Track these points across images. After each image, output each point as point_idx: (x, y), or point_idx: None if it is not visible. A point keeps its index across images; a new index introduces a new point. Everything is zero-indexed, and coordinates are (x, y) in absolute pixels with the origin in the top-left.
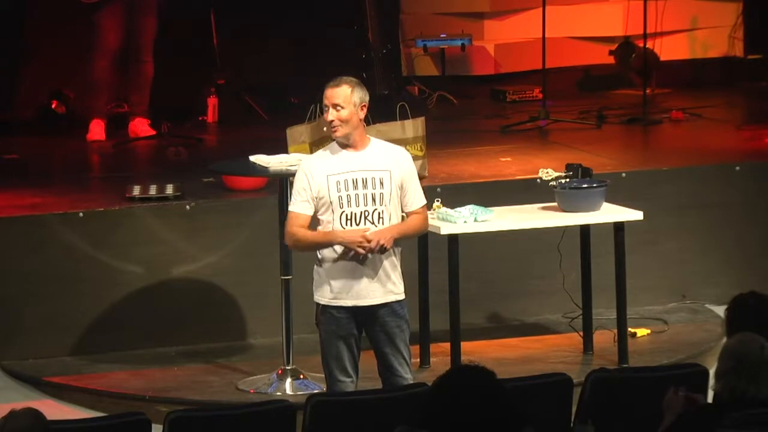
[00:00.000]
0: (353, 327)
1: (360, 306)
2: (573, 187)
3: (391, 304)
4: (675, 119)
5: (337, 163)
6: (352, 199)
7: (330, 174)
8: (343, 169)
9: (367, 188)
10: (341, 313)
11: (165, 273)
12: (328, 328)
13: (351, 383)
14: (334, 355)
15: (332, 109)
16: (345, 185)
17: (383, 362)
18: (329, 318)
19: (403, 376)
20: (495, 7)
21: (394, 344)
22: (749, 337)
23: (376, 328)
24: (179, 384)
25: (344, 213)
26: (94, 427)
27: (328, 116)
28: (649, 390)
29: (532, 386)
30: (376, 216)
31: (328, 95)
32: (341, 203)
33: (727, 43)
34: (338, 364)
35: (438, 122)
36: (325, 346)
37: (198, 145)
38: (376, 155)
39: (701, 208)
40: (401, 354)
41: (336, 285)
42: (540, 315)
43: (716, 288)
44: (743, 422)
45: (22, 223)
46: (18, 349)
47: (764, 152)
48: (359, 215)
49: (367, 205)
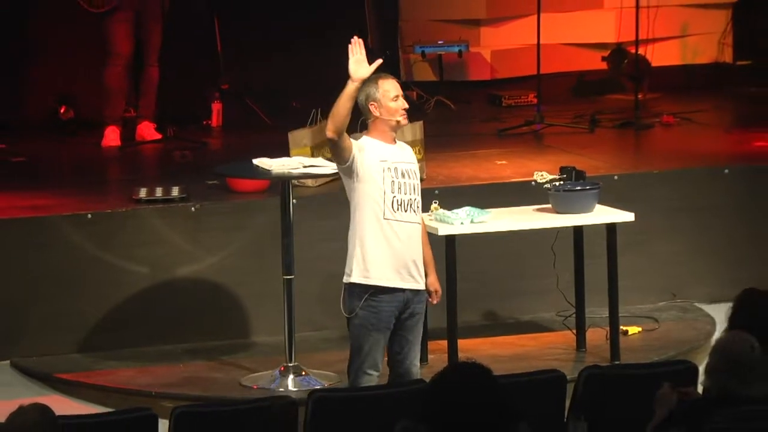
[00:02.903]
0: (392, 317)
1: (409, 289)
2: (567, 190)
3: (423, 292)
4: (666, 123)
5: (383, 151)
6: (402, 186)
7: (382, 159)
8: (392, 158)
9: (411, 178)
10: (387, 301)
11: (170, 273)
12: (366, 322)
13: (377, 377)
14: (367, 350)
15: (401, 99)
16: (395, 173)
17: (402, 350)
18: (370, 310)
19: (417, 365)
20: (491, 14)
21: (417, 333)
22: (740, 335)
23: (409, 316)
24: (184, 380)
25: (395, 198)
26: (102, 422)
27: (401, 104)
28: (641, 386)
29: (527, 382)
30: (416, 205)
31: (393, 85)
32: (393, 189)
33: (717, 50)
34: (370, 358)
35: (436, 126)
36: (359, 338)
37: (203, 149)
38: (405, 150)
39: (691, 209)
40: (418, 343)
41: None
42: (534, 313)
43: (705, 287)
44: (732, 419)
45: (31, 225)
46: (28, 347)
47: (752, 155)
48: (406, 203)
49: (410, 194)
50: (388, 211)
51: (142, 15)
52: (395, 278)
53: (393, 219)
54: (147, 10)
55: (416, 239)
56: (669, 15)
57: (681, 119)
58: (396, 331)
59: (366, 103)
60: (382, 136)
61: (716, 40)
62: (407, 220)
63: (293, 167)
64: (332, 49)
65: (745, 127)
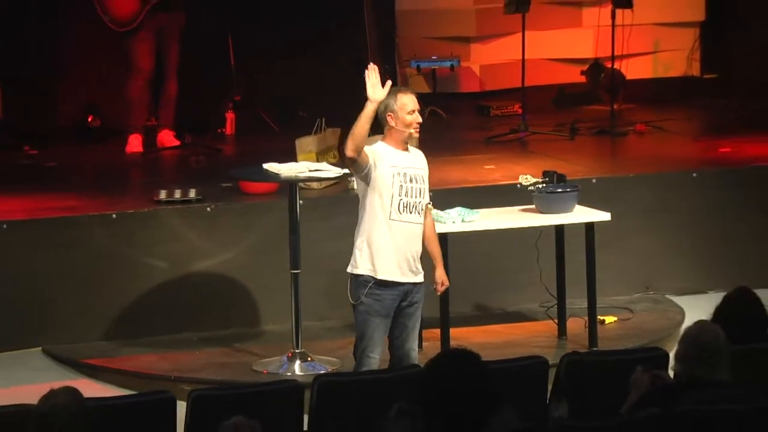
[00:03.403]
0: (393, 306)
1: (408, 282)
2: (549, 192)
3: (421, 284)
4: (639, 131)
5: (394, 157)
6: (409, 190)
7: (392, 165)
8: (401, 164)
9: (418, 183)
10: (389, 291)
11: (187, 268)
12: (371, 309)
13: (378, 360)
14: (370, 334)
15: (417, 113)
16: (404, 178)
17: (402, 335)
18: (374, 298)
19: (415, 349)
20: (480, 32)
21: (415, 320)
22: (707, 325)
23: (408, 304)
24: (201, 365)
25: (401, 201)
26: (125, 403)
27: (416, 119)
28: (616, 371)
29: (513, 367)
30: (421, 208)
31: (412, 100)
32: (400, 192)
33: (686, 64)
34: (373, 342)
35: (430, 133)
36: (363, 324)
37: (217, 155)
38: (416, 157)
39: (662, 210)
40: (416, 329)
41: (392, 259)
42: (519, 305)
43: (675, 281)
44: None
45: (61, 224)
46: (57, 335)
47: (718, 161)
48: (412, 205)
49: (416, 197)
50: (395, 212)
51: (162, 34)
52: (397, 273)
53: (398, 220)
54: (166, 30)
55: (418, 238)
56: (642, 33)
57: (653, 128)
58: (396, 318)
59: (384, 113)
60: (396, 143)
61: (685, 55)
62: (411, 221)
63: (300, 171)
64: (335, 64)
65: (712, 135)
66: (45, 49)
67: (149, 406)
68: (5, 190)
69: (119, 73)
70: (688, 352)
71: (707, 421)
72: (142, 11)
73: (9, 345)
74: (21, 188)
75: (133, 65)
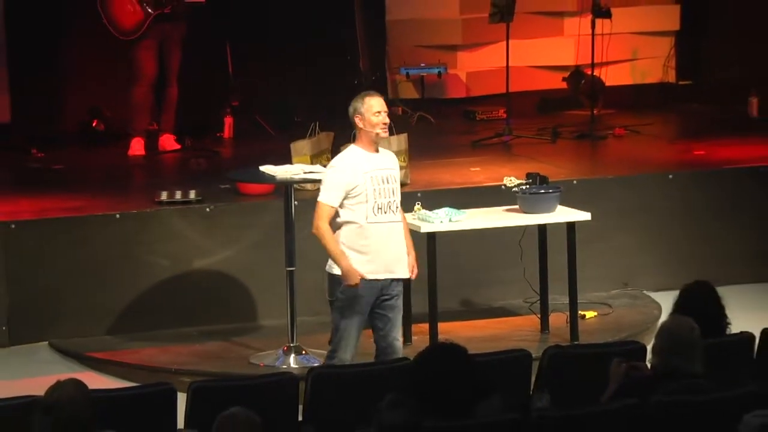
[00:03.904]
0: (368, 304)
1: (388, 278)
2: (532, 193)
3: (403, 280)
4: (618, 135)
5: (367, 162)
6: (382, 192)
7: (365, 171)
8: (373, 167)
9: (389, 183)
10: (364, 290)
11: (188, 265)
12: (346, 306)
13: (350, 357)
14: (344, 330)
15: (383, 114)
16: (377, 180)
17: (385, 326)
18: (349, 295)
19: (399, 339)
20: (466, 41)
21: (397, 311)
22: (682, 319)
23: (388, 297)
24: (200, 358)
25: (376, 203)
26: (128, 395)
27: (382, 119)
28: (597, 363)
29: (498, 360)
30: (394, 206)
31: (378, 102)
32: (375, 195)
33: (662, 71)
34: (347, 336)
35: (418, 137)
36: (338, 319)
37: (216, 157)
38: (386, 157)
39: (640, 210)
40: (398, 320)
41: (368, 260)
42: (504, 300)
43: (653, 277)
44: (675, 390)
45: (67, 223)
46: (64, 330)
47: (693, 163)
48: (386, 206)
49: (389, 197)
50: (371, 215)
51: (165, 42)
52: (371, 272)
53: (374, 222)
54: (169, 38)
55: (395, 235)
56: (621, 41)
57: (631, 132)
58: (377, 311)
59: (353, 115)
60: (366, 146)
61: (662, 63)
62: (386, 221)
63: (295, 173)
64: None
65: (687, 138)
66: (52, 57)
67: (151, 397)
68: (14, 191)
69: (122, 79)
70: (664, 345)
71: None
72: (146, 21)
73: (17, 339)
74: (29, 189)
75: (137, 72)
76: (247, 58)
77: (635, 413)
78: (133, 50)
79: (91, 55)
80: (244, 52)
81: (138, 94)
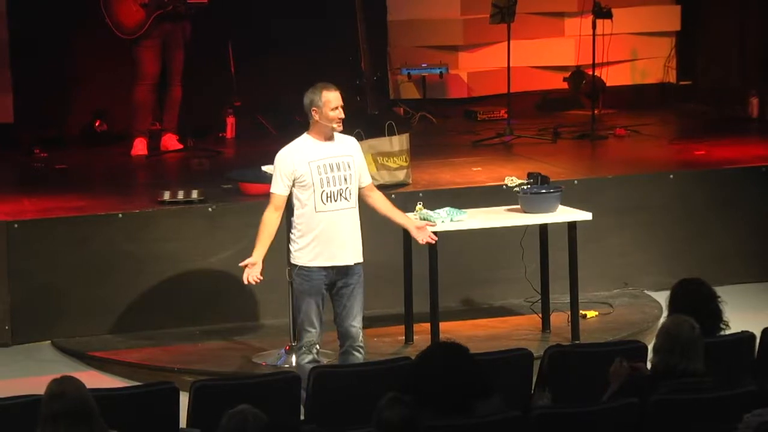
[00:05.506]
0: (322, 286)
1: (335, 266)
2: (533, 192)
3: (355, 266)
4: (618, 135)
5: (315, 151)
6: (330, 180)
7: (311, 160)
8: (321, 156)
9: (340, 171)
10: (316, 273)
11: (190, 264)
12: (301, 287)
13: (315, 333)
14: (304, 310)
15: (340, 109)
16: (324, 169)
17: (342, 312)
18: (303, 278)
19: (356, 326)
20: (468, 41)
21: (353, 300)
22: (682, 318)
23: (344, 285)
24: (202, 358)
25: (324, 192)
26: (131, 394)
27: (338, 114)
28: (597, 362)
29: (499, 359)
30: (348, 193)
31: (335, 97)
32: (322, 184)
33: (662, 71)
34: (307, 317)
35: (420, 137)
36: (297, 300)
37: (218, 157)
38: (342, 144)
39: (641, 210)
40: (356, 308)
41: (315, 248)
42: (505, 299)
43: (653, 277)
44: (675, 389)
45: (70, 222)
46: (66, 328)
47: (693, 163)
48: (337, 193)
49: (340, 184)
50: (319, 204)
51: (167, 42)
52: (320, 259)
53: (324, 210)
54: (171, 38)
55: (346, 223)
56: (621, 42)
57: (631, 132)
58: (335, 297)
59: (309, 108)
60: (316, 135)
61: (662, 63)
62: (337, 209)
63: None
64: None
65: (687, 138)
66: (55, 57)
67: (153, 396)
68: (17, 190)
69: (126, 80)
70: (665, 344)
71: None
72: (148, 20)
73: (20, 338)
74: (32, 189)
75: (140, 71)
76: (249, 59)
77: (636, 412)
78: (135, 50)
79: (94, 56)
80: (246, 53)
81: (140, 94)
